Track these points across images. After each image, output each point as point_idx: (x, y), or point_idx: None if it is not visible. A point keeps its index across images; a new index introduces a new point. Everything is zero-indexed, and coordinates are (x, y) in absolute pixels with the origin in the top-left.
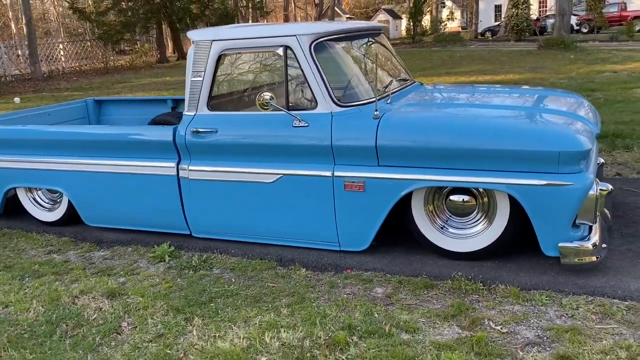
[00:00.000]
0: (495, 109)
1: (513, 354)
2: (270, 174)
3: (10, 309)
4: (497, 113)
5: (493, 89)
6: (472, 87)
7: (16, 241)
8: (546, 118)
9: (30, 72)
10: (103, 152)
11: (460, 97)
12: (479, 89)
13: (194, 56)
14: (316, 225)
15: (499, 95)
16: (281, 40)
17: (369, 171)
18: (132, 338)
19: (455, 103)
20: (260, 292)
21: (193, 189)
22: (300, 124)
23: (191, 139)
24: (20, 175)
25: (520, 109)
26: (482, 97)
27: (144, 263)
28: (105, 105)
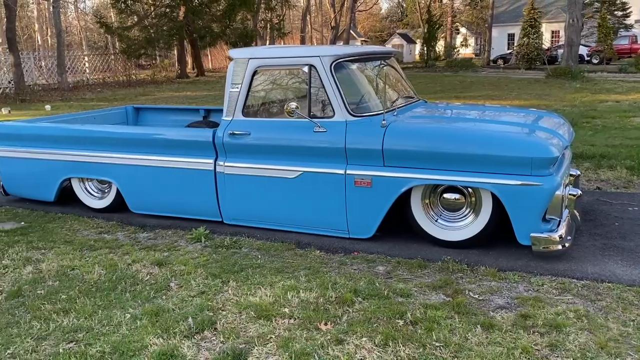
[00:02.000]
0: (483, 122)
1: (485, 314)
2: (292, 171)
3: (76, 271)
4: (484, 125)
5: (486, 107)
6: (469, 105)
7: (70, 223)
8: (525, 130)
9: (57, 82)
10: (150, 148)
11: (455, 112)
12: (475, 107)
13: (233, 71)
14: (329, 215)
15: (489, 112)
16: (307, 59)
17: (375, 170)
18: (179, 294)
19: (450, 117)
20: (282, 265)
21: (227, 182)
22: (319, 130)
23: (228, 140)
24: (77, 167)
25: (504, 123)
26: (475, 113)
27: (183, 243)
28: (143, 112)
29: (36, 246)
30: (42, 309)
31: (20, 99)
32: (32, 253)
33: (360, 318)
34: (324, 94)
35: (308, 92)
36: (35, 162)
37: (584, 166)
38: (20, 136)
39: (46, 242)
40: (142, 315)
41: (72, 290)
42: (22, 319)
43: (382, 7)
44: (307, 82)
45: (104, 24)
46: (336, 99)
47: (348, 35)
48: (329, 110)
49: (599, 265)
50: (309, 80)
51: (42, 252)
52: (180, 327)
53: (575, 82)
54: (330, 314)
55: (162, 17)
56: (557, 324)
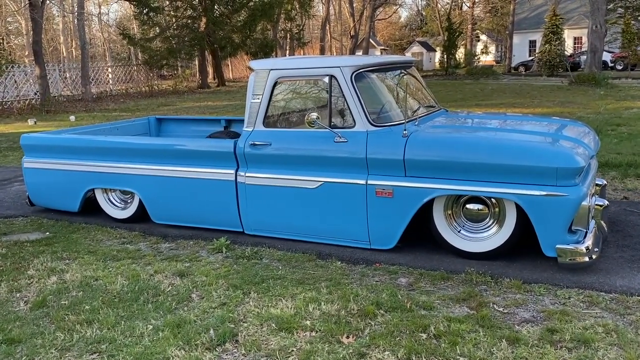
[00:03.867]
0: (506, 132)
1: (510, 327)
2: (313, 181)
3: (99, 281)
4: (508, 135)
5: (508, 116)
6: (491, 114)
7: (94, 233)
8: (549, 140)
9: (81, 93)
10: (172, 159)
11: (477, 121)
12: (497, 116)
13: (254, 82)
14: (350, 225)
15: (512, 120)
16: (327, 70)
17: (397, 180)
18: (201, 305)
19: (472, 126)
20: (303, 276)
21: (249, 193)
22: (340, 140)
23: (249, 150)
24: (100, 178)
25: (528, 132)
26: (497, 122)
27: (205, 253)
28: (165, 122)
29: (60, 256)
30: (66, 320)
31: (46, 110)
32: (56, 263)
33: (383, 331)
34: (345, 104)
35: (329, 102)
36: (60, 173)
37: (610, 175)
38: (46, 148)
39: (70, 252)
40: (164, 327)
41: (95, 300)
42: (46, 329)
43: (402, 16)
44: (328, 92)
45: (127, 35)
46: (357, 109)
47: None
48: (349, 121)
49: (628, 277)
50: (329, 90)
51: (66, 263)
52: (202, 339)
53: (599, 88)
54: (352, 326)
55: (183, 28)
56: (586, 339)
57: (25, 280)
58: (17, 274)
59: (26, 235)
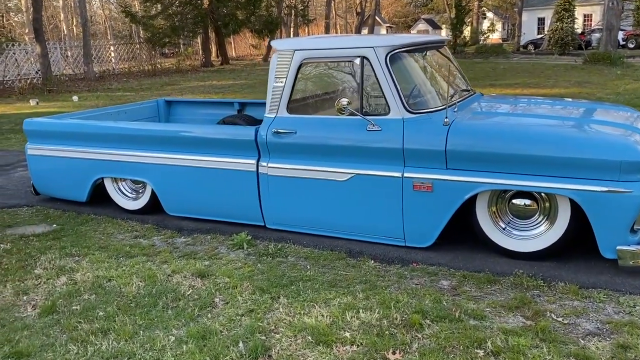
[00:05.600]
0: (557, 119)
1: (575, 342)
2: (343, 173)
3: (113, 282)
4: (560, 123)
5: (550, 101)
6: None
7: (104, 226)
8: (607, 129)
9: (83, 72)
10: (187, 147)
11: (521, 107)
12: (536, 101)
13: (276, 63)
14: (383, 221)
15: (557, 106)
16: (359, 51)
17: (437, 173)
18: (226, 312)
19: (519, 113)
20: (335, 278)
21: (271, 184)
22: (373, 128)
23: (271, 139)
24: (109, 166)
25: (581, 120)
26: (542, 108)
27: (224, 249)
28: (175, 105)
29: (69, 252)
30: (78, 329)
31: (48, 90)
32: (65, 261)
33: (433, 346)
34: (378, 89)
35: (360, 86)
36: (66, 160)
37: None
38: (51, 133)
39: (80, 248)
40: (188, 338)
41: (109, 305)
42: (57, 340)
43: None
44: (359, 75)
45: (129, 12)
46: (392, 94)
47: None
48: (383, 107)
49: None
50: (361, 73)
51: (75, 260)
52: (231, 354)
53: (616, 68)
54: (398, 340)
55: (186, 5)
56: None
57: (33, 281)
58: (23, 274)
59: (32, 228)
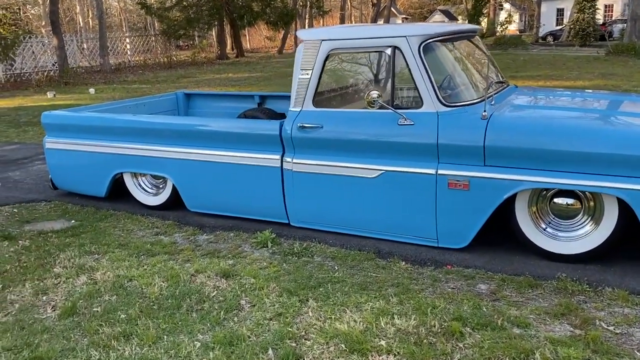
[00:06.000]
0: (603, 113)
1: (630, 354)
2: (372, 170)
3: (135, 282)
4: (607, 117)
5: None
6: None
7: (124, 222)
8: None
9: (99, 64)
10: (210, 142)
11: (561, 100)
12: (574, 93)
13: (302, 54)
14: (415, 220)
15: (599, 99)
16: (390, 40)
17: (474, 170)
18: (253, 315)
19: (560, 106)
20: (365, 280)
21: (296, 181)
22: (405, 122)
23: (297, 134)
24: (129, 161)
25: (628, 114)
26: (583, 101)
27: (248, 248)
28: (194, 98)
29: (89, 250)
30: (100, 333)
31: (64, 82)
32: (85, 259)
33: (476, 357)
34: (411, 81)
35: (391, 78)
36: (84, 155)
37: None
38: (69, 127)
39: (99, 246)
40: (214, 344)
41: (131, 307)
42: (78, 344)
43: None
44: (390, 66)
45: (144, 4)
46: (425, 86)
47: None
48: (416, 100)
49: None
50: (392, 64)
51: (95, 258)
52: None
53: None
54: (438, 350)
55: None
56: None
57: (52, 280)
58: (42, 272)
59: (50, 224)
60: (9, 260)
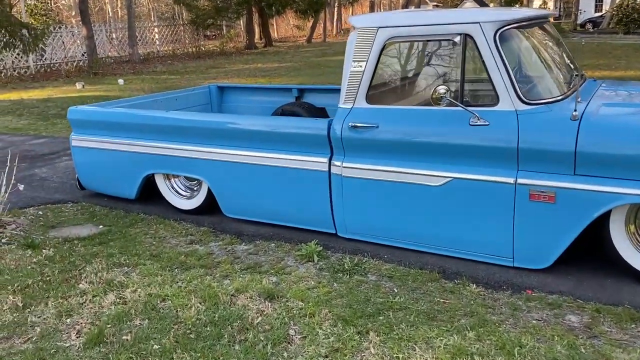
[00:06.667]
0: None
1: None
2: (437, 177)
3: (168, 303)
4: None
5: None
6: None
7: (155, 228)
8: None
9: (128, 54)
10: (249, 142)
11: None
12: None
13: (355, 43)
14: (487, 236)
15: None
16: (461, 27)
17: (562, 180)
18: (305, 350)
19: None
20: (432, 307)
21: (346, 187)
22: (478, 122)
23: (348, 134)
24: (162, 161)
25: None
26: None
27: (292, 261)
28: (228, 91)
29: (118, 262)
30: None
31: (94, 72)
32: (113, 273)
33: None
34: (485, 74)
35: (461, 71)
36: (113, 153)
37: None
38: (97, 123)
39: (129, 256)
40: None
41: (165, 335)
42: None
43: None
44: (460, 57)
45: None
46: (502, 80)
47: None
48: (491, 96)
49: None
50: (462, 55)
51: (125, 272)
52: None
53: None
54: None
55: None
56: None
57: (77, 299)
58: (66, 289)
59: (77, 229)
60: (32, 273)
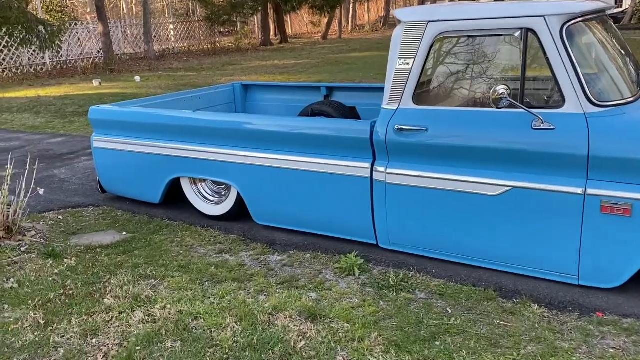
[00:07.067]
0: None
1: None
2: (495, 185)
3: (201, 322)
4: None
5: None
6: None
7: (182, 235)
8: None
9: (144, 51)
10: (282, 145)
11: None
12: None
13: (402, 39)
14: (550, 251)
15: None
16: (522, 21)
17: None
18: None
19: None
20: (492, 331)
21: (389, 195)
22: (542, 126)
23: (393, 138)
24: (188, 164)
25: None
26: None
27: (330, 275)
28: (252, 89)
29: (144, 273)
30: None
31: (110, 69)
32: (140, 287)
33: None
34: (549, 72)
35: (521, 69)
36: (137, 156)
37: None
38: (119, 124)
39: (156, 267)
40: None
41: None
42: None
43: None
44: (521, 54)
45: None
46: (569, 80)
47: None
48: (555, 97)
49: None
50: (523, 51)
51: (152, 284)
52: None
53: None
54: None
55: None
56: None
57: (103, 315)
58: (91, 304)
59: (99, 236)
60: (53, 286)
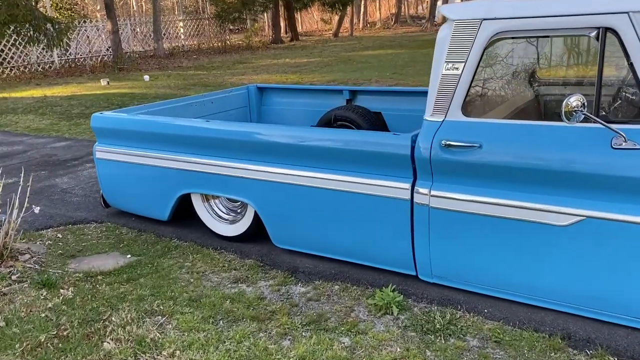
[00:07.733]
0: None
1: None
2: (564, 214)
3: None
4: None
5: None
6: None
7: (192, 259)
8: None
9: (153, 49)
10: (306, 160)
11: None
12: None
13: (450, 40)
14: (630, 292)
15: None
16: (599, 19)
17: None
18: None
19: None
20: None
21: (433, 220)
22: (625, 145)
23: (439, 154)
24: (199, 179)
25: None
26: None
27: (364, 313)
28: (268, 92)
29: (150, 309)
30: None
31: (119, 68)
32: (145, 326)
33: None
34: (634, 81)
35: (598, 76)
36: (143, 168)
37: None
38: (124, 133)
39: (163, 300)
40: None
41: None
42: None
43: None
44: (598, 58)
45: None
46: None
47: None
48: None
49: None
50: (600, 55)
51: (159, 323)
52: None
53: None
54: None
55: None
56: None
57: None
58: (88, 349)
59: (101, 260)
60: (45, 325)
